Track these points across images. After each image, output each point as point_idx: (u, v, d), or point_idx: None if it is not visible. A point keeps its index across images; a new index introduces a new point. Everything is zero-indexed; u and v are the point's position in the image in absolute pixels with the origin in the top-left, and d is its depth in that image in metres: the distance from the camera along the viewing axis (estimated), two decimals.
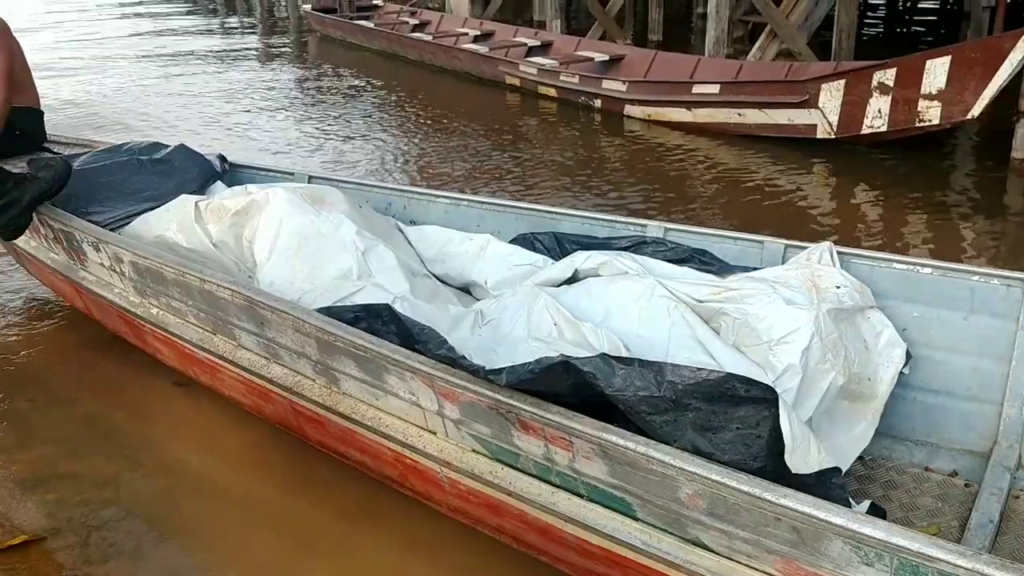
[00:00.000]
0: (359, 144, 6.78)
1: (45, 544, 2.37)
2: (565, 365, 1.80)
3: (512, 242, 3.22)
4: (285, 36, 13.25)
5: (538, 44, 8.96)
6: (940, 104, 5.33)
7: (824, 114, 5.77)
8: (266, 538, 2.41)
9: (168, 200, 3.23)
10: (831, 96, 5.70)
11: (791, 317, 2.34)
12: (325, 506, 2.51)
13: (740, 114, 6.20)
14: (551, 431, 1.86)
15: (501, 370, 1.87)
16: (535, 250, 3.14)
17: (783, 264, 2.76)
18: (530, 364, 1.84)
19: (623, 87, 6.99)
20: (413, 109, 7.98)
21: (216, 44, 12.20)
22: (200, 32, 13.74)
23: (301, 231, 2.89)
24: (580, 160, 6.13)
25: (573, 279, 2.81)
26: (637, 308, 2.49)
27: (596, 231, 3.16)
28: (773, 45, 7.63)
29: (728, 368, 2.28)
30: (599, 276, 2.73)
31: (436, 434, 2.19)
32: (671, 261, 2.87)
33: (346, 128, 7.27)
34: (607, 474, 1.82)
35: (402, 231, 3.33)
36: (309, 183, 3.64)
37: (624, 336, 2.38)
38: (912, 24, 12.05)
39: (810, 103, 5.80)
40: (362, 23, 11.35)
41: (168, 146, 3.60)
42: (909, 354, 2.51)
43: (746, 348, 2.38)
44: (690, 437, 1.72)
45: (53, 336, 3.60)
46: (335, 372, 2.35)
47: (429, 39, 9.91)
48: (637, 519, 1.85)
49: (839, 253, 2.68)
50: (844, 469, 2.35)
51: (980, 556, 1.38)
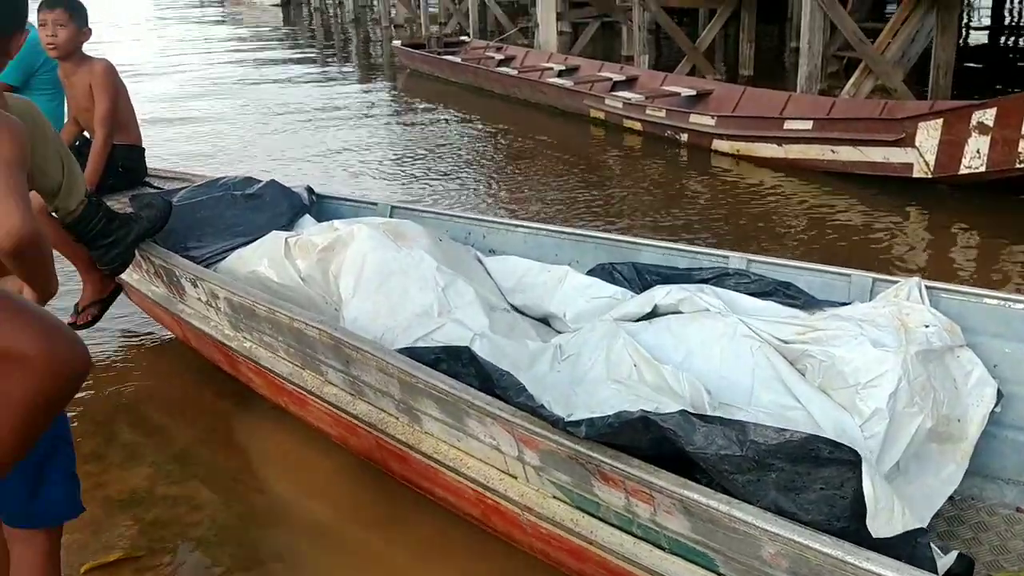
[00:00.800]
0: (443, 173, 6.90)
1: (139, 562, 2.48)
2: (645, 421, 1.80)
3: (590, 272, 3.23)
4: (377, 71, 13.68)
5: (623, 79, 8.96)
6: None
7: (921, 153, 5.60)
8: (347, 570, 2.47)
9: (260, 234, 3.36)
10: (928, 135, 5.53)
11: (878, 360, 2.28)
12: (405, 541, 2.56)
13: (833, 151, 6.08)
14: (632, 484, 1.86)
15: (580, 422, 1.88)
16: (614, 281, 3.13)
17: (871, 299, 2.70)
18: (609, 418, 1.85)
19: (711, 121, 6.92)
20: (496, 140, 8.10)
21: (312, 76, 12.68)
22: (297, 61, 14.33)
23: (383, 267, 2.96)
24: (666, 194, 6.12)
25: (653, 314, 2.80)
26: (719, 348, 2.47)
27: (676, 262, 3.14)
28: (868, 81, 7.44)
29: (814, 412, 2.25)
30: (680, 313, 2.72)
31: (517, 479, 2.22)
32: (754, 294, 2.83)
33: (431, 157, 7.41)
34: (689, 529, 1.81)
35: (481, 261, 3.38)
36: (392, 214, 3.73)
37: (706, 378, 2.36)
38: (1015, 62, 11.60)
39: (906, 142, 5.64)
40: (449, 58, 11.52)
41: (260, 181, 3.74)
42: (1000, 392, 2.42)
43: (832, 391, 2.33)
44: (773, 497, 1.70)
45: (155, 363, 3.77)
46: (417, 412, 2.40)
47: (514, 73, 10.02)
48: (719, 574, 1.83)
49: (928, 288, 2.61)
50: (933, 511, 2.28)
51: None
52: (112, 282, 3.76)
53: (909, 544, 1.70)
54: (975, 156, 5.31)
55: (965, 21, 14.60)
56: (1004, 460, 2.52)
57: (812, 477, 1.68)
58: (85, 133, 3.88)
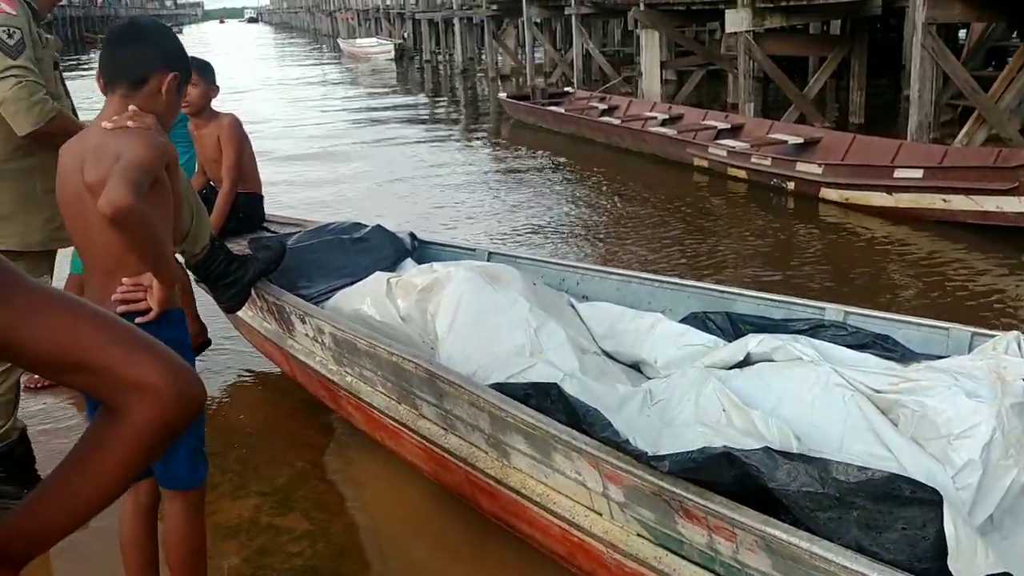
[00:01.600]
0: (544, 221, 7.05)
1: None
2: (728, 456, 1.83)
3: (683, 321, 3.26)
4: (483, 121, 14.12)
5: (728, 127, 8.96)
6: None
7: None
8: None
9: (364, 275, 3.54)
10: None
11: (972, 411, 2.23)
12: None
13: (945, 200, 5.93)
14: (714, 520, 1.89)
15: (664, 456, 1.92)
16: (707, 330, 3.15)
17: (969, 353, 2.64)
18: (693, 453, 1.89)
19: (819, 170, 6.85)
20: (598, 188, 8.22)
21: (422, 128, 13.21)
22: (408, 113, 14.96)
23: (478, 308, 3.08)
24: (771, 243, 6.09)
25: (745, 362, 2.81)
26: (811, 396, 2.46)
27: (771, 312, 3.14)
28: (981, 131, 7.24)
29: (905, 462, 2.22)
30: (772, 361, 2.72)
31: (602, 515, 2.26)
32: (851, 347, 2.81)
33: (532, 206, 7.60)
34: (771, 567, 1.82)
35: (574, 307, 3.45)
36: (489, 259, 3.86)
37: (796, 425, 2.36)
38: None
39: (1020, 190, 5.45)
40: (553, 109, 11.78)
41: (367, 226, 3.95)
42: None
43: (924, 441, 2.28)
44: (854, 535, 1.70)
45: (264, 397, 3.99)
46: (506, 446, 2.48)
47: (617, 122, 10.16)
48: None
49: None
50: None
51: None
52: (202, 333, 4.17)
53: None
54: None
55: None
56: None
57: (894, 516, 1.67)
58: (211, 182, 4.18)
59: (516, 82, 18.47)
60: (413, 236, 3.98)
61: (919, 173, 6.09)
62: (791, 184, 7.12)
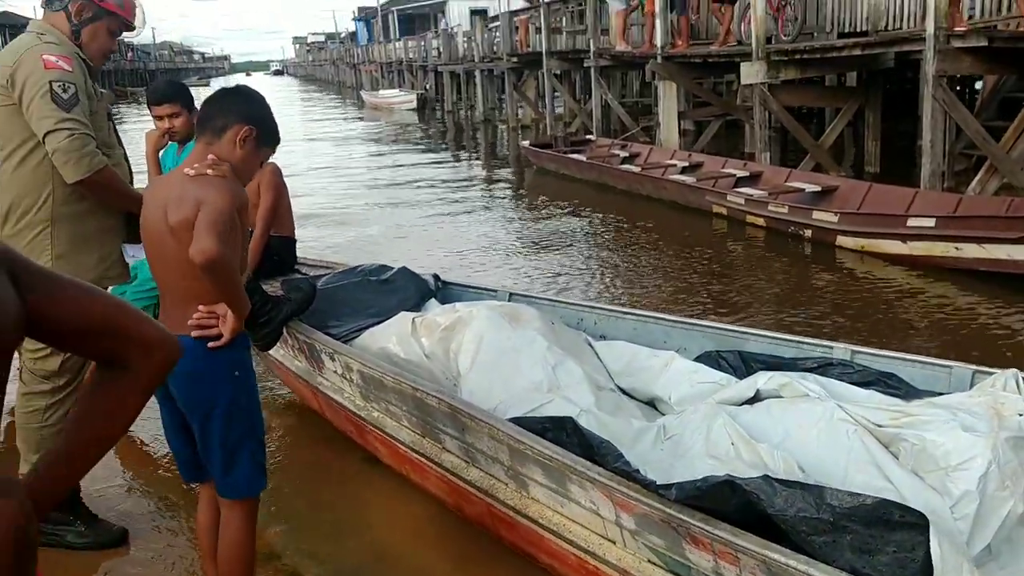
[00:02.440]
0: (565, 265, 7.24)
1: None
2: (730, 484, 1.96)
3: (697, 359, 3.40)
4: (505, 169, 14.41)
5: (747, 175, 9.12)
6: None
7: None
8: None
9: (390, 315, 3.71)
10: None
11: (969, 444, 2.34)
12: None
13: (958, 248, 6.05)
14: (719, 546, 2.01)
15: (671, 485, 2.05)
16: (720, 368, 3.29)
17: (970, 390, 2.75)
18: (697, 481, 2.01)
19: (835, 218, 7.01)
20: (618, 234, 8.41)
21: (445, 175, 13.54)
22: (432, 160, 15.33)
23: (499, 346, 3.24)
24: (788, 289, 6.22)
25: (755, 399, 2.93)
26: (816, 431, 2.58)
27: (782, 351, 3.27)
28: (994, 180, 7.37)
29: (905, 493, 2.33)
30: (780, 397, 2.84)
31: (615, 543, 2.38)
32: (856, 384, 2.93)
33: (554, 250, 7.80)
34: None
35: (591, 345, 3.60)
36: (510, 300, 4.02)
37: (801, 458, 2.48)
38: None
39: None
40: (575, 156, 12.03)
41: (392, 268, 4.13)
42: None
43: (924, 473, 2.39)
44: (848, 558, 1.81)
45: (295, 433, 4.14)
46: (524, 478, 2.61)
47: (637, 170, 10.37)
48: None
49: None
50: None
51: None
52: None
53: None
54: None
55: None
56: None
57: (885, 540, 1.79)
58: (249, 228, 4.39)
59: (536, 131, 18.80)
60: (437, 277, 4.16)
61: (932, 222, 6.22)
62: (808, 232, 7.26)
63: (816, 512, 1.85)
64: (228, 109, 2.36)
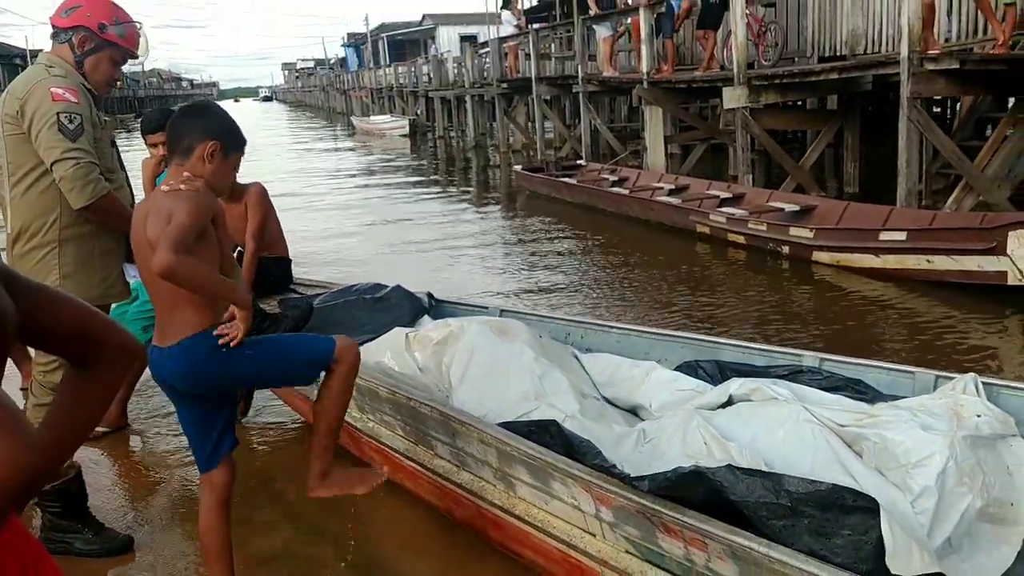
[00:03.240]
0: (556, 283, 7.46)
1: None
2: (697, 473, 2.12)
3: (678, 369, 3.57)
4: (497, 192, 14.70)
5: (730, 196, 9.40)
6: None
7: (1014, 261, 5.73)
8: None
9: (385, 331, 3.87)
10: (1019, 243, 5.67)
11: (927, 442, 2.51)
12: None
13: (929, 260, 6.27)
14: (689, 533, 2.17)
15: (644, 477, 2.22)
16: (698, 376, 3.46)
17: (933, 393, 2.92)
18: (668, 472, 2.18)
19: (810, 234, 7.25)
20: (607, 253, 8.65)
21: (438, 199, 13.78)
22: (425, 185, 15.55)
23: (488, 358, 3.40)
24: (766, 303, 6.43)
25: (728, 403, 3.10)
26: (783, 431, 2.75)
27: (755, 360, 3.45)
28: (969, 198, 7.62)
29: (868, 489, 2.49)
30: (751, 401, 3.01)
31: (595, 535, 2.54)
32: (825, 389, 3.10)
33: (545, 269, 8.03)
34: (738, 573, 2.09)
35: (577, 358, 3.77)
36: (500, 316, 4.19)
37: (769, 456, 2.64)
38: None
39: (998, 250, 5.79)
40: (566, 180, 12.30)
41: (387, 286, 4.30)
42: None
43: (886, 471, 2.56)
44: (806, 541, 1.97)
45: (293, 447, 4.29)
46: (511, 478, 2.77)
47: (626, 192, 10.66)
48: None
49: (987, 384, 2.82)
50: None
51: None
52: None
53: None
54: None
55: None
56: None
57: (840, 524, 1.95)
58: (239, 247, 4.55)
59: (526, 156, 19.08)
60: (430, 295, 4.33)
61: (902, 235, 6.45)
62: (786, 248, 7.49)
63: (775, 498, 2.02)
64: (191, 129, 2.54)
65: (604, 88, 15.05)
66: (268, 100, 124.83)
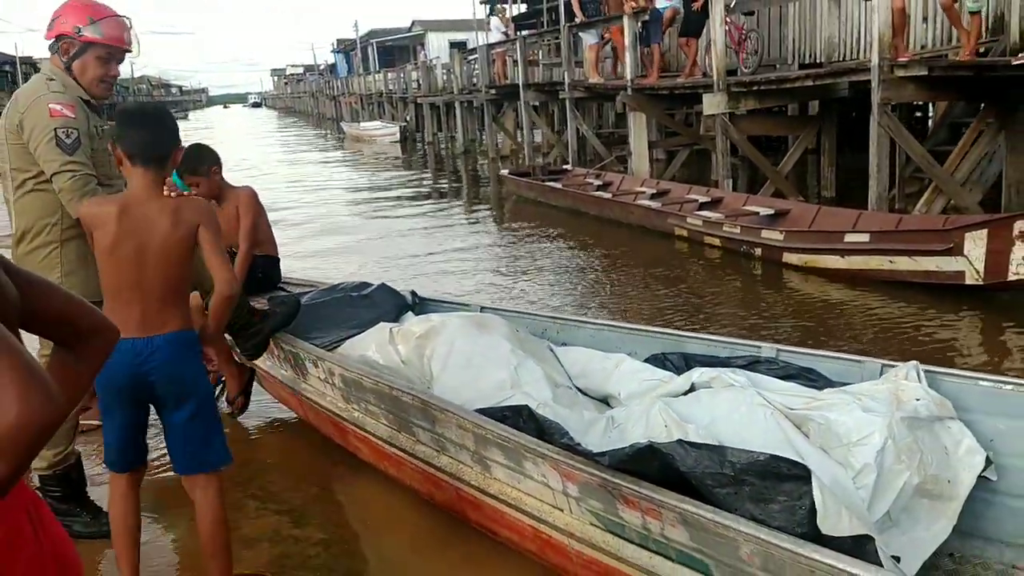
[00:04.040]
0: (538, 279, 7.74)
1: None
2: (651, 448, 2.32)
3: (647, 360, 3.77)
4: (485, 196, 14.96)
5: (709, 200, 9.66)
6: None
7: (970, 261, 5.97)
8: None
9: (369, 327, 4.07)
10: (975, 244, 5.92)
11: (867, 422, 2.72)
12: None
13: (891, 261, 6.53)
14: (645, 504, 2.37)
15: (604, 453, 2.42)
16: (665, 367, 3.66)
17: (878, 379, 3.14)
18: (626, 448, 2.38)
19: (780, 236, 7.52)
20: (588, 254, 8.91)
21: (428, 203, 14.05)
22: (414, 188, 15.76)
23: (467, 351, 3.60)
24: (738, 302, 6.71)
25: (691, 391, 3.31)
26: (738, 415, 2.95)
27: (718, 351, 3.66)
28: (939, 201, 7.88)
29: (813, 466, 2.69)
30: (711, 388, 3.22)
31: (563, 510, 2.73)
32: (780, 378, 3.31)
33: (528, 268, 8.29)
34: (688, 539, 2.29)
35: (553, 351, 3.97)
36: (481, 312, 4.39)
37: (725, 438, 2.84)
38: None
39: (955, 251, 6.04)
40: (551, 184, 12.54)
41: (372, 284, 4.50)
42: (989, 460, 2.79)
43: (830, 449, 2.77)
44: (748, 507, 2.17)
45: (282, 439, 4.49)
46: (487, 460, 2.97)
47: (609, 196, 10.92)
48: None
49: (928, 371, 3.03)
50: (922, 559, 2.65)
51: None
52: (245, 372, 4.56)
53: (859, 547, 2.13)
54: (1021, 263, 5.61)
55: None
56: (1001, 524, 2.86)
57: (776, 490, 2.15)
58: (232, 248, 4.74)
59: (514, 161, 19.31)
60: (414, 293, 4.53)
61: (866, 237, 6.71)
62: (758, 250, 7.75)
63: (720, 468, 2.22)
64: (164, 136, 2.76)
65: (590, 94, 15.29)
66: (257, 106, 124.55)
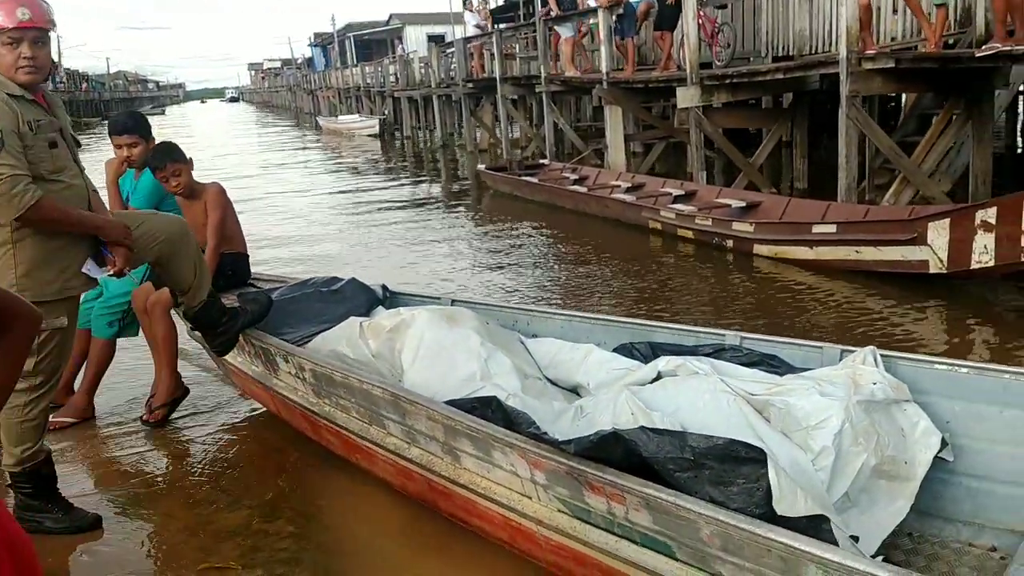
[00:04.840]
0: (511, 275, 7.77)
1: (238, 572, 3.13)
2: (615, 435, 2.37)
3: (615, 350, 3.82)
4: (463, 191, 14.97)
5: (683, 193, 9.74)
6: None
7: (934, 251, 6.08)
8: None
9: (340, 322, 4.09)
10: (939, 234, 6.02)
11: (825, 406, 2.79)
12: (449, 563, 3.13)
13: (857, 251, 6.64)
14: (610, 489, 2.42)
15: (570, 441, 2.46)
16: (633, 357, 3.72)
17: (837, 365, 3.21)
18: (591, 436, 2.42)
19: (751, 228, 7.62)
20: (563, 248, 8.99)
21: (404, 197, 14.09)
22: (392, 182, 15.73)
23: (437, 343, 3.64)
24: (710, 292, 6.81)
25: (657, 379, 3.36)
26: (702, 402, 3.01)
27: (684, 340, 3.72)
28: (907, 191, 7.99)
29: (774, 449, 2.76)
30: (676, 376, 3.28)
31: (531, 498, 2.78)
32: (744, 365, 3.38)
33: (502, 263, 8.34)
34: (651, 522, 2.34)
35: (523, 342, 4.01)
36: (452, 305, 4.42)
37: (690, 424, 2.89)
38: None
39: (919, 240, 6.15)
40: (527, 179, 12.60)
41: (343, 279, 4.52)
42: (945, 441, 2.86)
43: (790, 433, 2.83)
44: (708, 490, 2.23)
45: (253, 433, 4.49)
46: (457, 451, 3.00)
47: (584, 190, 11.00)
48: (677, 559, 2.34)
49: (885, 356, 3.10)
50: (881, 538, 2.72)
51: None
52: (179, 388, 4.63)
53: (815, 527, 2.19)
54: (983, 252, 5.72)
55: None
56: (960, 504, 2.94)
57: (735, 473, 2.21)
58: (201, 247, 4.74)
59: (493, 155, 19.33)
60: (385, 288, 4.55)
61: (833, 228, 6.83)
62: (730, 242, 7.85)
63: (680, 453, 2.27)
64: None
65: (567, 88, 15.33)
66: (235, 101, 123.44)
